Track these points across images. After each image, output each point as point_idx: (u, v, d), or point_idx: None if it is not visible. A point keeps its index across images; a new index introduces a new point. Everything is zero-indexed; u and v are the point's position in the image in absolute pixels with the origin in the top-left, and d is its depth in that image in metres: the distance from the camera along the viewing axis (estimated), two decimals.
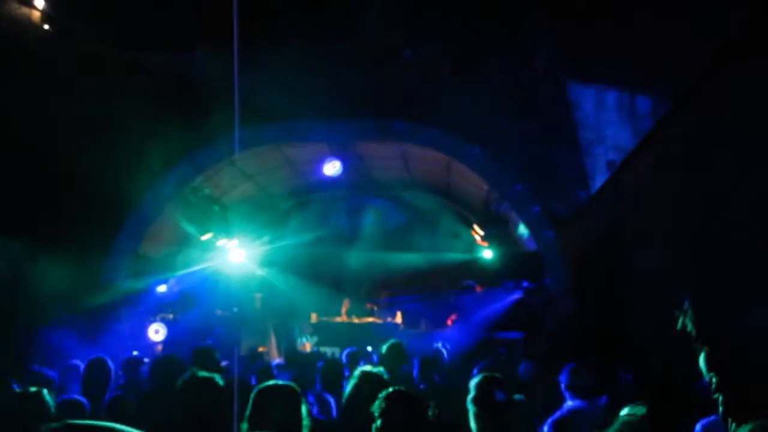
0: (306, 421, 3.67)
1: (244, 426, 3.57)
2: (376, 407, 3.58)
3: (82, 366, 6.84)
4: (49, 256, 10.69)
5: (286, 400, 3.65)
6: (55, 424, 2.32)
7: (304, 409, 3.70)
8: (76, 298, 10.90)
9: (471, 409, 4.31)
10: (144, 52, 11.93)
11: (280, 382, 3.90)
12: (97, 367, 6.42)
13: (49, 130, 11.02)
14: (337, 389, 5.94)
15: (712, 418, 3.23)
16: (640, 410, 3.79)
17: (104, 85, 11.54)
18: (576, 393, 5.60)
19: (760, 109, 5.19)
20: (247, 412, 3.62)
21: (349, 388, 4.63)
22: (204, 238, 12.96)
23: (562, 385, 5.78)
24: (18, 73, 10.87)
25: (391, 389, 3.75)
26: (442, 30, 11.79)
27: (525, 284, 12.74)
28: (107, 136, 11.37)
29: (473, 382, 4.39)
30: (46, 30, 11.60)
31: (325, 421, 5.17)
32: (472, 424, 4.23)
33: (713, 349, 4.10)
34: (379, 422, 3.54)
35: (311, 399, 5.69)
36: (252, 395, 3.74)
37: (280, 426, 3.51)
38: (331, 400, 5.75)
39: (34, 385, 4.68)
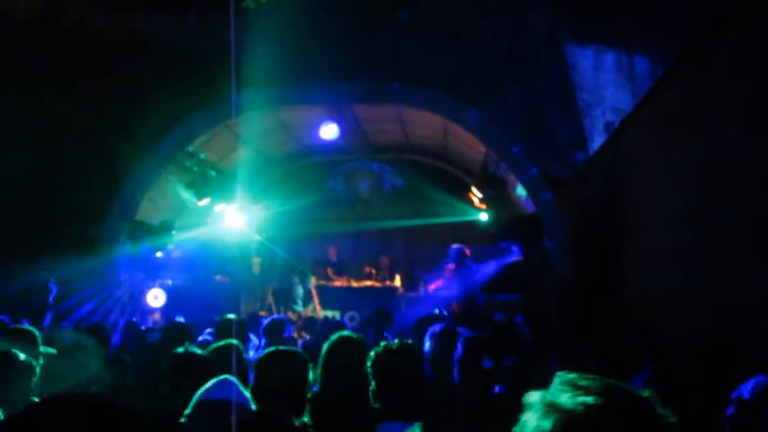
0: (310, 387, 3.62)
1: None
2: (369, 368, 3.22)
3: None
4: (47, 222, 10.70)
5: (291, 365, 3.58)
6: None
7: (311, 374, 3.63)
8: (74, 264, 10.91)
9: (456, 368, 4.22)
10: (138, 17, 11.81)
11: (285, 348, 3.85)
12: (94, 333, 6.44)
13: (40, 98, 10.97)
14: None
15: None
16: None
17: (98, 50, 11.45)
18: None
19: (760, 68, 5.15)
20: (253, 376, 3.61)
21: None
22: (201, 203, 12.95)
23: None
24: (10, 40, 10.78)
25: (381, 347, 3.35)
26: None
27: (514, 248, 12.76)
28: (102, 101, 11.29)
29: (460, 342, 4.29)
30: None
31: None
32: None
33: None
34: (374, 382, 3.19)
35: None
36: (257, 359, 3.71)
37: (285, 391, 3.45)
38: None
39: None
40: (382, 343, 3.32)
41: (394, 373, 3.13)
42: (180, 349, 4.14)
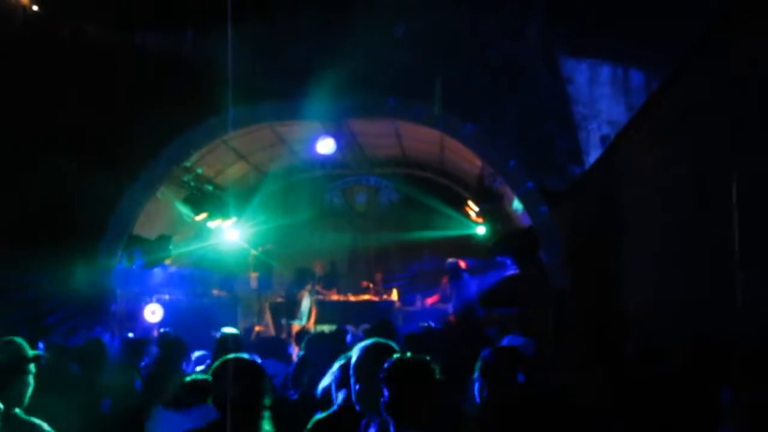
0: (267, 398, 3.63)
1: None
2: (382, 377, 3.09)
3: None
4: (44, 238, 10.68)
5: (246, 375, 3.62)
6: None
7: (265, 384, 3.69)
8: (72, 280, 10.90)
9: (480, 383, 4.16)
10: (135, 32, 11.86)
11: (243, 356, 3.86)
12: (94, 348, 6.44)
13: (38, 112, 10.98)
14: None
15: None
16: None
17: (95, 64, 11.48)
18: None
19: (752, 79, 5.18)
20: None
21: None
22: (198, 218, 12.93)
23: None
24: (7, 55, 10.81)
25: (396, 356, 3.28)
26: (434, 6, 11.75)
27: (510, 261, 12.76)
28: (99, 115, 11.31)
29: (485, 354, 4.24)
30: (36, 11, 11.52)
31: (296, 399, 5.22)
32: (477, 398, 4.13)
33: None
34: (386, 393, 3.06)
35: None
36: (212, 368, 3.76)
37: (237, 400, 3.46)
38: None
39: None
40: (396, 355, 3.29)
41: (407, 385, 3.06)
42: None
